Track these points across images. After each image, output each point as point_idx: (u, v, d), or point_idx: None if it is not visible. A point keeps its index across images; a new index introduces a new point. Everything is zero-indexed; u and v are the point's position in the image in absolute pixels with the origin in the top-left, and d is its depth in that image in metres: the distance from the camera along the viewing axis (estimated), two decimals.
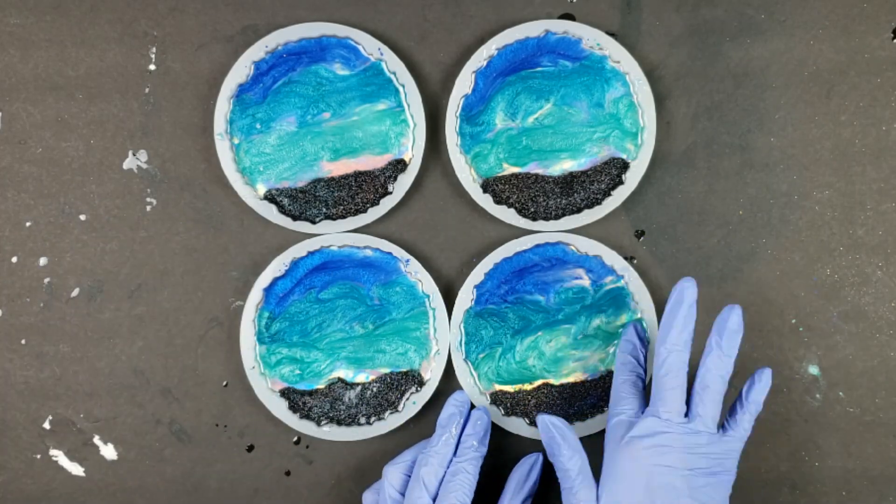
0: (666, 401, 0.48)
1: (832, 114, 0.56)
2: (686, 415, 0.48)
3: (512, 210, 0.55)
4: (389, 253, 0.55)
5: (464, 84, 0.54)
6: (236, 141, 0.55)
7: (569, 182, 0.55)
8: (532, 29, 0.54)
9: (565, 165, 0.55)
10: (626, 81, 0.55)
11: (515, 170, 0.56)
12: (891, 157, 0.56)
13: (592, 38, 0.54)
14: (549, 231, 0.55)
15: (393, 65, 0.55)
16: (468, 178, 0.55)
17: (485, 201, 0.55)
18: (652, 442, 0.47)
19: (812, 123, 0.56)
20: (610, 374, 0.55)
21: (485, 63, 0.54)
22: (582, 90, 0.55)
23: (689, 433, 0.48)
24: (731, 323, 0.48)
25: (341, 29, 0.55)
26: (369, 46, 0.55)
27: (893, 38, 0.56)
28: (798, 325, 0.56)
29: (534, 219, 0.55)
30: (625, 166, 0.55)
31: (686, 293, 0.48)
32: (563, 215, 0.55)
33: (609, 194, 0.55)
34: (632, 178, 0.55)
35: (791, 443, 0.56)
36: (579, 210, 0.55)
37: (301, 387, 0.56)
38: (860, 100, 0.56)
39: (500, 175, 0.55)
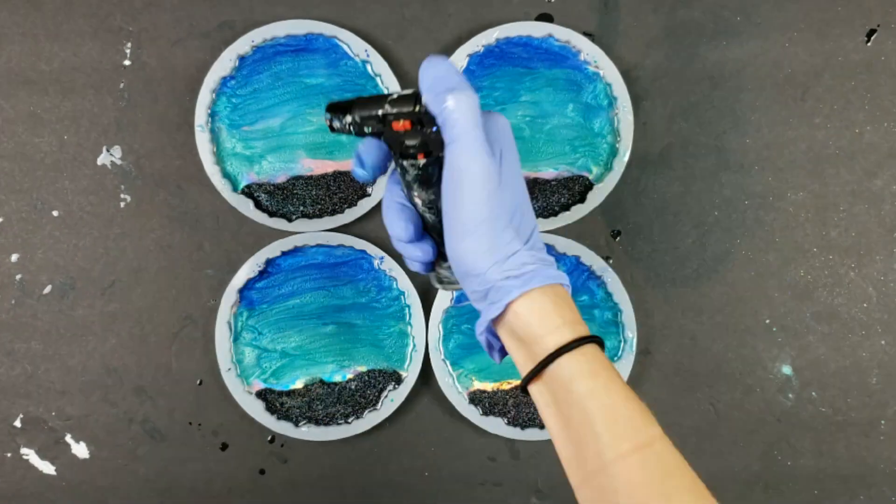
0: None
1: (806, 116, 0.56)
2: None
3: None
4: (363, 251, 0.55)
5: (456, 64, 0.54)
6: (218, 133, 0.55)
7: (531, 187, 0.55)
8: (535, 29, 0.54)
9: (532, 170, 0.55)
10: (613, 105, 0.55)
11: None
12: (864, 160, 0.56)
13: (591, 55, 0.54)
14: None
15: (378, 67, 0.54)
16: None
17: None
18: None
19: (786, 125, 0.56)
20: None
21: (481, 49, 0.54)
22: (569, 101, 0.55)
23: None
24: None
25: (328, 28, 0.54)
26: (356, 47, 0.55)
27: (867, 42, 0.56)
28: (772, 326, 0.56)
29: None
30: (589, 186, 0.55)
31: None
32: None
33: (567, 209, 0.55)
34: (592, 200, 0.55)
35: (764, 442, 0.56)
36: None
37: (278, 387, 0.55)
38: (834, 102, 0.56)
39: None
